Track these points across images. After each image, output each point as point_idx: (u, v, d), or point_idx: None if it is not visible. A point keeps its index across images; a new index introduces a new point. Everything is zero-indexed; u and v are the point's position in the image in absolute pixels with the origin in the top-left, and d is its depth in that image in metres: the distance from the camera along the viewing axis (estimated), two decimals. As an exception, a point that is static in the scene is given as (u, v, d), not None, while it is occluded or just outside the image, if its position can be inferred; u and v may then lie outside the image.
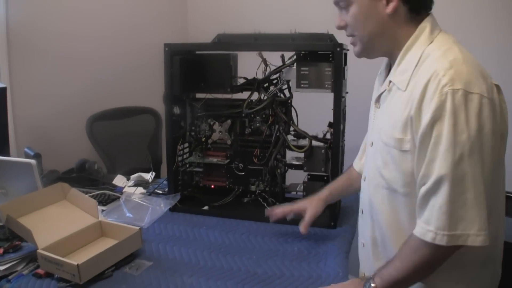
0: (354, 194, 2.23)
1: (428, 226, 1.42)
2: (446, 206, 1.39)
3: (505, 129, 1.51)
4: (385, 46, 1.64)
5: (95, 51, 3.68)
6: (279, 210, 2.19)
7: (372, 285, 1.55)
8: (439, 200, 1.40)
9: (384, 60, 1.82)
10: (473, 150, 1.37)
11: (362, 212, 1.86)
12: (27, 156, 2.72)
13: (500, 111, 1.46)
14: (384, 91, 1.66)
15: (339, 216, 2.48)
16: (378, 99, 1.73)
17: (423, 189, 1.44)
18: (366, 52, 1.68)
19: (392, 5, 1.53)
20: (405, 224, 1.59)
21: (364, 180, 1.82)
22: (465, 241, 1.39)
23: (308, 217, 2.09)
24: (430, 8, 1.61)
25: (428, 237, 1.42)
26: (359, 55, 1.70)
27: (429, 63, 1.47)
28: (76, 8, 3.51)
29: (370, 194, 1.73)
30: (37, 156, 2.69)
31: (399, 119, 1.51)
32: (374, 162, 1.68)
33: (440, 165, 1.38)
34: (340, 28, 1.69)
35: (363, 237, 1.88)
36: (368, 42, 1.64)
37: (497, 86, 1.48)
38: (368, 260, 1.83)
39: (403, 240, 1.56)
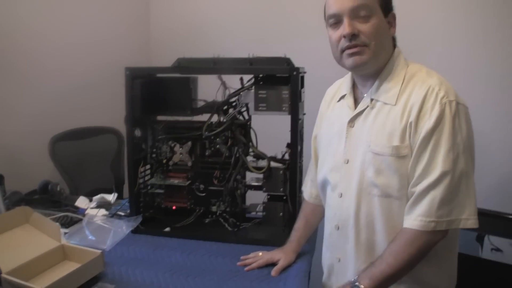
0: (316, 227, 2.35)
1: (428, 218, 1.63)
2: (447, 197, 1.62)
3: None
4: (380, 62, 1.81)
5: (58, 70, 3.65)
6: (254, 264, 2.18)
7: (361, 286, 1.66)
8: (442, 193, 1.62)
9: (340, 86, 2.01)
10: (465, 149, 1.65)
11: (338, 228, 1.94)
12: (-11, 178, 2.71)
13: None
14: (365, 108, 1.82)
15: (299, 235, 2.50)
16: (353, 119, 1.86)
17: (422, 186, 1.65)
18: (371, 62, 1.78)
19: (393, 29, 1.81)
20: (399, 225, 1.73)
21: (340, 196, 1.90)
22: (458, 224, 1.64)
23: (281, 264, 2.14)
24: None
25: (430, 227, 1.63)
26: (365, 64, 1.77)
27: (420, 80, 1.72)
28: (38, 27, 3.49)
29: (356, 206, 1.83)
30: (-1, 178, 2.68)
31: (396, 128, 1.71)
32: (361, 175, 1.80)
33: (443, 163, 1.62)
34: (351, 35, 1.72)
35: (339, 252, 1.97)
36: (378, 52, 1.77)
37: None
38: (345, 274, 1.92)
39: None
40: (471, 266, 2.42)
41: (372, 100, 1.80)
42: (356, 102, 1.89)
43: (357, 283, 1.68)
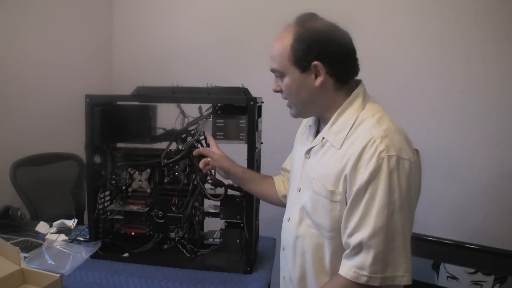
0: (256, 192, 2.37)
1: (362, 271, 1.59)
2: (381, 254, 1.57)
3: (420, 184, 1.72)
4: (317, 110, 1.84)
5: (19, 96, 3.64)
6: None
7: None
8: (375, 249, 1.57)
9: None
10: (402, 206, 1.58)
11: (284, 249, 1.98)
12: (-51, 203, 2.70)
13: (419, 172, 1.70)
14: (317, 145, 1.82)
15: (256, 261, 2.55)
16: (308, 151, 1.87)
17: (356, 239, 1.59)
18: (301, 115, 1.87)
19: (320, 80, 1.71)
20: (327, 261, 1.75)
21: (288, 220, 1.94)
22: (393, 280, 1.59)
23: (207, 149, 2.31)
24: (356, 75, 1.80)
25: (362, 280, 1.59)
26: (295, 117, 1.88)
27: (365, 129, 1.66)
28: None
29: (296, 233, 1.85)
30: (-40, 202, 2.68)
31: (332, 173, 1.68)
32: (303, 205, 1.82)
33: (376, 219, 1.56)
34: (275, 91, 1.84)
35: (284, 271, 2.02)
36: (302, 108, 1.82)
37: (417, 151, 1.70)
38: None
39: (323, 275, 1.77)
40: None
41: (323, 138, 1.79)
42: (318, 134, 1.89)
43: None
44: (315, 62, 1.68)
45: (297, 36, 1.69)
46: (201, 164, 2.29)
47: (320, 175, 1.74)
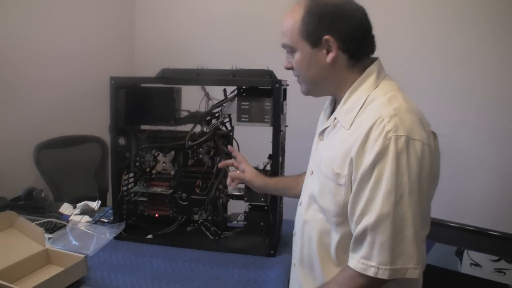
0: (293, 197, 2.25)
1: (369, 261, 1.50)
2: (388, 242, 1.47)
3: (438, 171, 1.61)
4: (328, 88, 1.75)
5: (44, 79, 3.68)
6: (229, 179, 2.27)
7: None
8: (381, 237, 1.47)
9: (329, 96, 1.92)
10: (412, 192, 1.46)
11: (295, 234, 1.93)
12: (-26, 183, 2.73)
13: (436, 156, 1.57)
14: (329, 126, 1.74)
15: (279, 244, 2.55)
16: (322, 133, 1.80)
17: (362, 226, 1.51)
18: (311, 93, 1.79)
19: (331, 55, 1.62)
20: (332, 249, 1.68)
21: (300, 204, 1.89)
22: (404, 274, 1.49)
23: (242, 175, 2.24)
24: (372, 52, 1.71)
25: (371, 272, 1.50)
26: (305, 94, 1.81)
27: (374, 108, 1.56)
28: (25, 36, 3.52)
29: (304, 218, 1.80)
30: (-16, 184, 2.70)
31: (339, 154, 1.59)
32: (313, 189, 1.75)
33: (381, 204, 1.46)
34: (287, 69, 1.79)
35: (294, 258, 1.96)
36: (312, 85, 1.74)
37: (434, 133, 1.60)
38: (297, 279, 1.91)
39: (329, 263, 1.69)
40: (450, 280, 2.46)
41: (335, 119, 1.70)
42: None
43: None
44: (326, 36, 1.61)
45: (308, 9, 1.64)
46: (228, 181, 2.26)
47: (328, 157, 1.67)
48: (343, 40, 1.61)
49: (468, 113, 3.55)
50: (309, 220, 1.77)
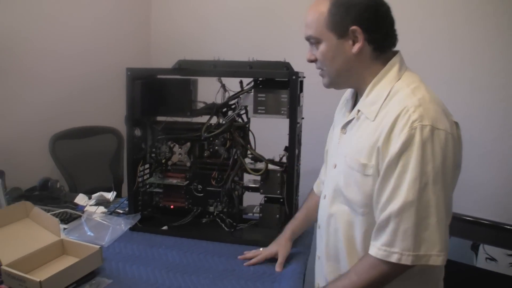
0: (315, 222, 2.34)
1: (392, 248, 1.55)
2: (412, 229, 1.51)
3: (460, 160, 1.65)
4: (351, 80, 1.78)
5: (60, 70, 3.69)
6: (253, 261, 2.23)
7: None
8: (405, 223, 1.52)
9: (349, 90, 1.95)
10: (437, 180, 1.51)
11: (319, 227, 1.96)
12: (-10, 173, 2.74)
13: (458, 145, 1.62)
14: (353, 118, 1.77)
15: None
16: (345, 126, 1.83)
17: (386, 213, 1.55)
18: (334, 85, 1.81)
19: (357, 46, 1.66)
20: (358, 241, 1.72)
21: (324, 198, 1.91)
22: (427, 260, 1.53)
23: (281, 258, 2.20)
24: (394, 46, 1.75)
25: (393, 258, 1.55)
26: (328, 87, 1.82)
27: (399, 99, 1.60)
28: (41, 27, 3.53)
29: (330, 211, 1.83)
30: (0, 174, 2.70)
31: (366, 145, 1.63)
32: (337, 182, 1.78)
33: (407, 192, 1.51)
34: (310, 61, 1.80)
35: (319, 251, 1.99)
36: (335, 77, 1.76)
37: (456, 123, 1.64)
38: (321, 272, 1.95)
39: (355, 255, 1.73)
40: (466, 275, 2.44)
41: (358, 111, 1.74)
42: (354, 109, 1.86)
43: None
44: (353, 27, 1.64)
45: (335, 1, 1.66)
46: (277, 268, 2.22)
47: (353, 149, 1.71)
48: (369, 31, 1.65)
49: (482, 106, 3.54)
50: (334, 213, 1.80)
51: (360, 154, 1.66)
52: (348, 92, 1.98)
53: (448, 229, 1.60)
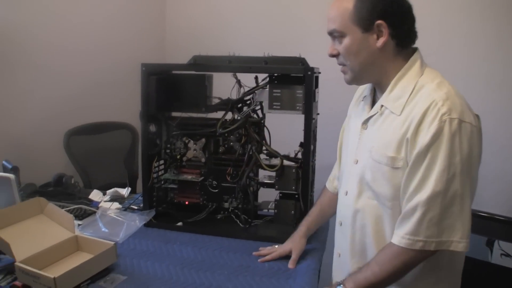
0: (330, 218, 2.36)
1: (416, 237, 1.61)
2: (436, 218, 1.59)
3: (481, 151, 1.69)
4: (374, 75, 1.81)
5: (74, 65, 3.69)
6: (268, 257, 2.23)
7: None
8: (431, 213, 1.59)
9: (367, 86, 1.98)
10: (463, 171, 1.58)
11: (341, 224, 1.98)
12: (5, 169, 2.73)
13: (480, 137, 1.68)
14: (375, 114, 1.81)
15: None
16: (366, 122, 1.86)
17: (413, 202, 1.62)
18: (356, 80, 1.84)
19: (382, 40, 1.70)
20: (387, 234, 1.75)
21: (346, 194, 1.93)
22: (449, 246, 1.61)
23: (295, 255, 2.19)
24: (414, 42, 1.79)
25: (418, 246, 1.62)
26: (350, 83, 1.85)
27: (426, 93, 1.65)
28: (58, 22, 3.53)
29: (355, 206, 1.86)
30: (14, 169, 2.69)
31: (393, 139, 1.69)
32: (362, 177, 1.82)
33: (435, 182, 1.57)
34: (332, 56, 1.82)
35: (340, 248, 2.01)
36: (359, 71, 1.78)
37: (477, 116, 1.69)
38: (343, 269, 1.96)
39: None
40: (480, 271, 2.43)
41: (382, 106, 1.78)
42: (374, 104, 1.88)
43: (341, 285, 1.71)
44: (379, 21, 1.67)
45: None
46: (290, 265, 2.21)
47: (379, 143, 1.74)
48: (394, 26, 1.69)
49: (497, 102, 3.53)
50: (361, 208, 1.83)
51: (387, 148, 1.70)
52: (364, 88, 2.01)
53: (471, 219, 1.65)
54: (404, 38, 1.74)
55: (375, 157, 1.74)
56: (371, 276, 1.68)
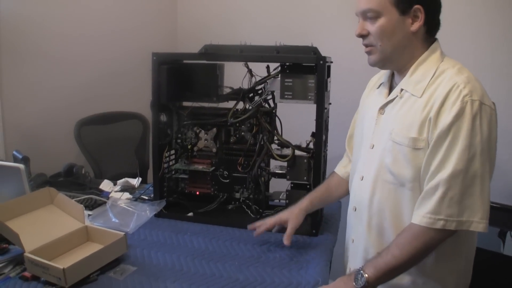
0: (334, 202, 2.38)
1: (438, 215, 1.63)
2: (457, 197, 1.61)
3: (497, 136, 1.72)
4: (402, 60, 1.83)
5: (85, 55, 3.69)
6: (262, 225, 2.23)
7: (365, 275, 1.67)
8: (452, 191, 1.61)
9: (382, 75, 2.02)
10: (483, 151, 1.61)
11: (355, 210, 1.98)
12: (15, 159, 2.73)
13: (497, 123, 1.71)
14: (395, 97, 1.84)
15: (321, 224, 2.52)
16: (384, 106, 1.88)
17: (435, 181, 1.64)
18: (382, 62, 1.85)
19: (417, 24, 1.74)
20: (406, 217, 1.76)
21: (362, 179, 1.94)
22: (469, 226, 1.62)
23: (290, 229, 2.17)
24: (436, 32, 1.84)
25: (439, 225, 1.63)
26: (374, 64, 1.86)
27: (448, 76, 1.70)
28: (67, 12, 3.53)
29: (372, 191, 1.87)
30: (25, 159, 2.69)
31: (416, 120, 1.71)
32: (380, 160, 1.83)
33: (457, 161, 1.60)
34: (360, 36, 1.82)
35: (354, 234, 2.01)
36: (390, 53, 1.80)
37: (493, 103, 1.71)
38: (357, 255, 1.97)
39: None
40: (492, 262, 2.41)
41: (401, 90, 1.80)
42: (391, 91, 1.90)
43: (361, 272, 1.69)
44: (417, 6, 1.71)
45: None
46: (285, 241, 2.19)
47: (400, 125, 1.76)
48: (428, 12, 1.73)
49: (507, 93, 3.50)
50: (379, 192, 1.84)
51: (409, 129, 1.72)
52: (379, 77, 2.06)
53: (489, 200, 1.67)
54: (434, 25, 1.79)
55: (396, 139, 1.76)
56: (392, 259, 1.67)
